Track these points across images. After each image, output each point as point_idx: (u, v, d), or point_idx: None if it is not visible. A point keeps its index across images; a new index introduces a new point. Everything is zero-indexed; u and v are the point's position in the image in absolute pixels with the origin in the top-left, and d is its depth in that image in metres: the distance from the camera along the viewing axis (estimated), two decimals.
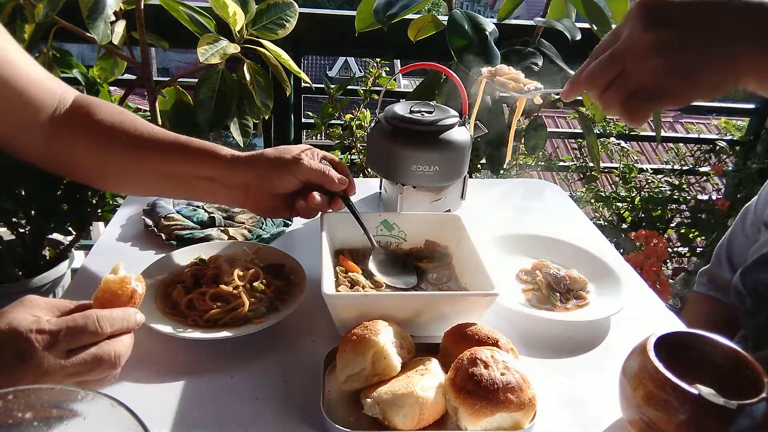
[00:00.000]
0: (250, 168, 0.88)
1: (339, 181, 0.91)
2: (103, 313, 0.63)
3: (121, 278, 0.68)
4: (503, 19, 1.79)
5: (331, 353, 0.76)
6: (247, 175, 0.88)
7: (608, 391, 0.75)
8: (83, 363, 0.60)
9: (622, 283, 0.97)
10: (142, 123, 0.90)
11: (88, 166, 0.92)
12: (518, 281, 1.01)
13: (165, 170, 0.90)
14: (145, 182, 0.94)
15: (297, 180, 0.89)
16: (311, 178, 0.89)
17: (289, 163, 0.88)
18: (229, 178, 0.88)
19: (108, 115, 0.89)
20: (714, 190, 2.48)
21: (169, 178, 0.91)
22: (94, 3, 1.37)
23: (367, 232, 0.95)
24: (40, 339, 0.58)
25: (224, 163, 0.88)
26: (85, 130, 0.88)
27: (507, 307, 0.90)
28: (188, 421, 0.69)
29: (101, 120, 0.88)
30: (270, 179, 0.89)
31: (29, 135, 0.87)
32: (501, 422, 0.65)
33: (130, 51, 1.66)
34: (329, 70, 12.13)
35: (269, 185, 0.89)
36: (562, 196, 1.41)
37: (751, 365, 0.67)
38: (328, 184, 0.90)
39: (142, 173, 0.91)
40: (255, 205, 0.93)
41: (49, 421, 0.41)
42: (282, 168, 0.88)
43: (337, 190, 0.92)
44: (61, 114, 0.88)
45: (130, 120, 0.89)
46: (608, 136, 2.40)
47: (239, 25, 1.51)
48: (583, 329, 0.90)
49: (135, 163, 0.90)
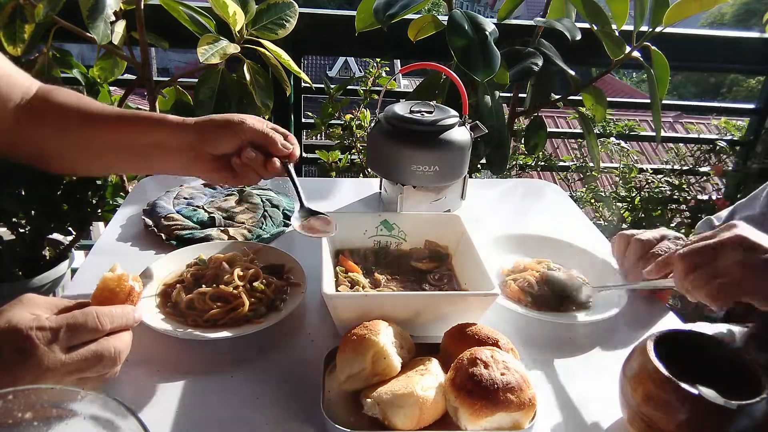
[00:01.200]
0: (195, 129, 0.89)
1: (282, 144, 0.90)
2: (102, 310, 0.63)
3: (119, 276, 0.68)
4: (503, 19, 1.79)
5: (331, 353, 0.76)
6: (192, 136, 0.89)
7: (608, 391, 0.75)
8: (84, 359, 0.60)
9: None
10: (96, 103, 0.93)
11: (47, 149, 0.94)
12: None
13: (116, 142, 0.91)
14: (99, 158, 0.95)
15: (239, 139, 0.89)
16: (254, 138, 0.89)
17: (232, 123, 0.88)
18: (176, 141, 0.89)
19: (64, 98, 0.91)
20: (714, 190, 2.48)
21: (121, 151, 0.92)
22: (94, 3, 1.37)
23: (299, 196, 0.92)
24: (40, 336, 0.58)
25: (171, 127, 0.89)
26: (43, 114, 0.90)
27: (507, 307, 0.90)
28: (188, 421, 0.69)
29: (57, 103, 0.91)
30: (213, 139, 0.89)
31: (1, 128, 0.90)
32: (501, 422, 0.65)
33: (130, 51, 1.66)
34: (329, 70, 12.13)
35: (212, 145, 0.89)
36: (562, 196, 1.41)
37: (751, 365, 0.67)
38: (271, 145, 0.90)
39: (95, 148, 0.93)
40: (202, 168, 0.93)
41: (49, 421, 0.41)
42: (225, 127, 0.88)
43: (279, 153, 0.91)
44: (24, 104, 0.90)
45: (84, 101, 0.92)
46: (608, 136, 2.40)
47: (239, 25, 1.51)
48: (583, 329, 0.90)
49: (88, 139, 0.91)
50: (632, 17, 1.68)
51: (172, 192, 1.22)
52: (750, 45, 2.26)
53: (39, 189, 1.74)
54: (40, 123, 0.91)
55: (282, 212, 1.18)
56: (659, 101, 1.68)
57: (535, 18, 1.77)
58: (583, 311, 0.92)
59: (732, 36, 2.35)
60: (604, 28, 1.65)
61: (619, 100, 2.60)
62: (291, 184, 0.93)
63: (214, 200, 1.21)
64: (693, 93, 16.74)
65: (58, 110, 0.90)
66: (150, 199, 1.18)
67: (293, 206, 1.22)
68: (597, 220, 2.43)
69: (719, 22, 19.02)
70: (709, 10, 3.18)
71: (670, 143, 2.64)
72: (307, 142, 2.35)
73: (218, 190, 1.26)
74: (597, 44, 1.66)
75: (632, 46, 1.68)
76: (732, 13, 18.48)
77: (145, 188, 1.29)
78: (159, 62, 12.37)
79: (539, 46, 1.75)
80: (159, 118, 0.90)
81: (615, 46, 1.66)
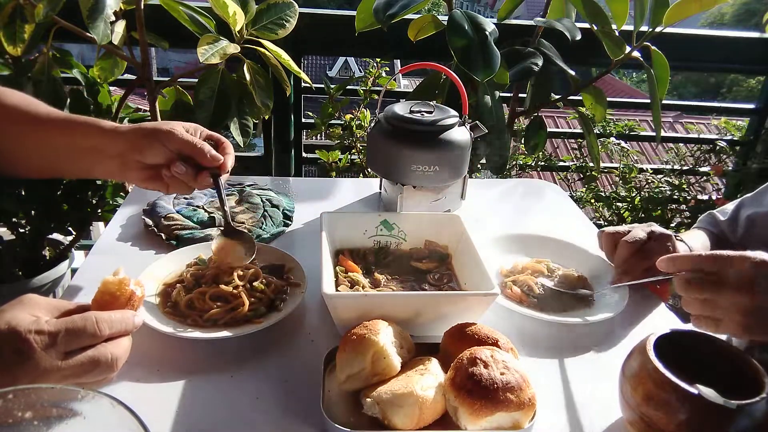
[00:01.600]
0: (126, 137, 0.89)
1: (210, 156, 0.89)
2: (102, 316, 0.63)
3: (120, 280, 0.68)
4: (503, 19, 1.79)
5: (331, 353, 0.76)
6: (122, 144, 0.88)
7: (608, 391, 0.75)
8: (80, 365, 0.60)
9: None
10: (41, 105, 0.93)
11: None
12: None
13: (53, 143, 0.91)
14: (37, 158, 0.95)
15: (167, 150, 0.88)
16: (182, 149, 0.88)
17: (160, 133, 0.88)
18: (108, 147, 0.89)
19: (9, 99, 0.92)
20: (714, 190, 2.48)
21: (58, 152, 0.92)
22: (94, 3, 1.37)
23: (225, 215, 0.92)
24: (38, 340, 0.58)
25: (104, 132, 0.89)
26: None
27: (507, 307, 0.90)
28: (188, 421, 0.69)
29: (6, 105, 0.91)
30: (141, 148, 0.88)
31: None
32: (501, 422, 0.65)
33: (130, 51, 1.66)
34: (329, 70, 12.13)
35: (141, 154, 0.88)
36: (562, 196, 1.41)
37: (751, 365, 0.67)
38: (199, 156, 0.89)
39: (33, 149, 0.93)
40: (134, 177, 0.92)
41: (49, 421, 0.41)
42: (153, 137, 0.88)
43: (208, 164, 0.89)
44: None
45: (28, 102, 0.93)
46: (608, 136, 2.40)
47: (239, 25, 1.51)
48: (582, 329, 0.90)
49: (27, 140, 0.92)
50: (632, 17, 1.68)
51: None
52: (750, 45, 2.26)
53: (39, 189, 1.74)
54: None
55: (282, 212, 1.18)
56: (659, 101, 1.68)
57: (535, 18, 1.77)
58: (583, 311, 0.92)
59: (732, 36, 2.35)
60: (604, 28, 1.65)
61: (619, 100, 2.60)
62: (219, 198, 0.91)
63: (215, 200, 1.21)
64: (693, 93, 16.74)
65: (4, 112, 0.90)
66: (150, 199, 1.18)
67: (293, 206, 1.22)
68: (597, 220, 2.43)
69: (719, 22, 19.02)
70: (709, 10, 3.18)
71: (670, 143, 2.64)
72: (307, 142, 2.35)
73: None
74: (597, 44, 1.66)
75: (632, 46, 1.68)
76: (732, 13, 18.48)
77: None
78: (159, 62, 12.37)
79: (539, 46, 1.75)
80: (96, 123, 0.90)
81: (615, 46, 1.66)
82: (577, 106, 2.01)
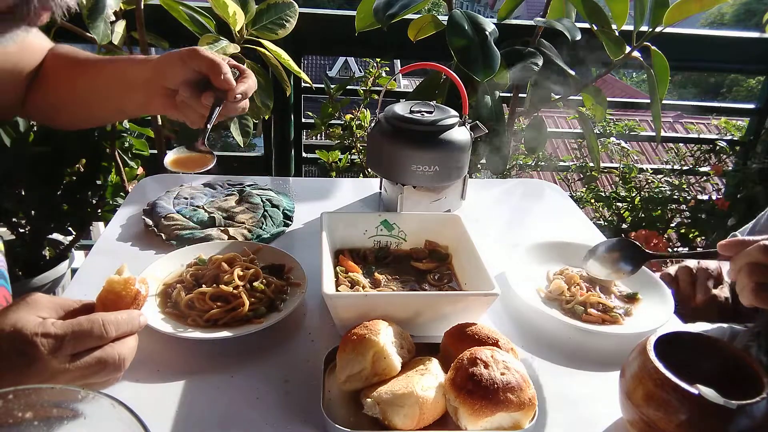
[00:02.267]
0: (153, 63, 0.92)
1: (224, 77, 0.90)
2: (108, 317, 0.62)
3: (125, 279, 0.67)
4: (503, 19, 1.79)
5: (331, 353, 0.76)
6: (149, 70, 0.92)
7: (608, 391, 0.75)
8: (88, 366, 0.60)
9: None
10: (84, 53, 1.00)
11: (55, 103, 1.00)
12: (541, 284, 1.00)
13: (95, 83, 0.97)
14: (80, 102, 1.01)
15: (188, 69, 0.90)
16: (201, 67, 0.89)
17: (183, 52, 0.90)
18: (136, 75, 0.93)
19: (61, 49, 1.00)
20: (714, 190, 2.48)
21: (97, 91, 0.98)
22: (94, 3, 1.37)
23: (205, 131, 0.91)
24: (45, 343, 0.58)
25: (135, 63, 0.95)
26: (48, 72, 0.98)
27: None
28: (188, 421, 0.69)
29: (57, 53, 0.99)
30: (164, 71, 0.91)
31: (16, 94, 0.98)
32: (501, 422, 0.65)
33: (130, 51, 1.66)
34: (329, 70, 12.13)
35: (165, 78, 0.91)
36: (562, 196, 1.41)
37: (751, 365, 0.67)
38: (214, 74, 0.89)
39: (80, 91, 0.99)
40: (158, 104, 0.95)
41: (49, 421, 0.41)
42: (176, 57, 0.90)
43: (218, 85, 0.90)
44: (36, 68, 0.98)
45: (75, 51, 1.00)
46: (608, 136, 2.39)
47: (239, 25, 1.51)
48: (582, 329, 0.90)
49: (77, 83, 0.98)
50: (632, 17, 1.68)
51: (172, 192, 1.22)
52: (750, 45, 2.26)
53: (39, 189, 1.74)
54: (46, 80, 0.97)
55: (282, 212, 1.18)
56: (659, 101, 1.68)
57: (535, 18, 1.77)
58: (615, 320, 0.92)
59: (732, 36, 2.35)
60: (604, 28, 1.65)
61: (619, 100, 2.60)
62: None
63: (214, 200, 1.21)
64: (693, 93, 16.75)
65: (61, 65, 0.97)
66: (150, 199, 1.18)
67: (293, 206, 1.22)
68: (597, 220, 2.43)
69: (719, 22, 19.02)
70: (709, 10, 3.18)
71: (670, 143, 2.63)
72: (307, 142, 2.35)
73: (218, 190, 1.26)
74: (597, 44, 1.66)
75: (632, 46, 1.68)
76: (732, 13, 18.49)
77: (145, 188, 1.29)
78: None
79: (539, 46, 1.75)
80: (129, 57, 0.97)
81: (615, 46, 1.66)
82: (577, 106, 2.01)
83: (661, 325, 0.87)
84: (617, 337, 0.88)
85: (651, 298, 0.96)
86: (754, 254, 0.74)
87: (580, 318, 0.90)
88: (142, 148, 1.93)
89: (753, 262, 0.75)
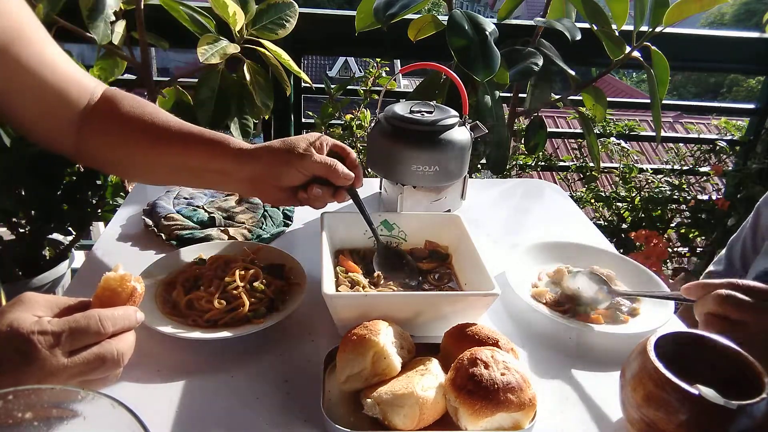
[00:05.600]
0: (256, 161, 0.90)
1: (343, 175, 0.91)
2: (105, 313, 0.63)
3: (122, 276, 0.68)
4: (503, 19, 1.79)
5: (331, 353, 0.76)
6: (252, 168, 0.90)
7: (608, 391, 0.75)
8: (86, 362, 0.60)
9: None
10: (161, 114, 0.93)
11: (110, 158, 0.96)
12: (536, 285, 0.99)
13: (177, 162, 0.92)
14: (161, 174, 0.98)
15: (302, 174, 0.90)
16: (316, 173, 0.90)
17: (294, 159, 0.89)
18: (237, 171, 0.90)
19: (130, 107, 0.92)
20: (714, 190, 2.48)
21: (181, 170, 0.94)
22: (94, 3, 1.37)
23: (372, 228, 0.95)
24: (42, 340, 0.58)
25: (232, 156, 0.90)
26: (108, 122, 0.91)
27: (516, 305, 0.89)
28: (188, 421, 0.69)
29: (122, 112, 0.91)
30: (275, 174, 0.90)
31: (65, 131, 0.91)
32: (501, 422, 0.65)
33: (130, 51, 1.66)
34: (329, 70, 12.12)
35: (274, 179, 0.90)
36: (562, 196, 1.41)
37: (751, 365, 0.67)
38: (333, 178, 0.91)
39: (157, 165, 0.95)
40: (263, 196, 0.97)
41: (49, 421, 0.41)
42: (287, 163, 0.89)
43: (342, 184, 0.92)
44: (91, 108, 0.91)
45: (149, 111, 0.92)
46: (608, 136, 2.40)
47: (239, 25, 1.51)
48: (582, 329, 0.90)
49: (150, 155, 0.93)
50: (632, 17, 1.68)
51: (172, 192, 1.22)
52: (750, 45, 2.26)
53: (39, 189, 1.74)
54: (105, 132, 0.91)
55: (282, 212, 1.18)
56: (659, 101, 1.68)
57: (535, 18, 1.77)
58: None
59: (732, 36, 2.35)
60: (604, 28, 1.65)
61: (619, 100, 2.60)
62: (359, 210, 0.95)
63: (214, 200, 1.21)
64: (693, 93, 16.75)
65: (124, 121, 0.91)
66: (150, 199, 1.18)
67: (293, 206, 1.21)
68: (597, 220, 2.43)
69: (719, 22, 19.02)
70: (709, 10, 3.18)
71: (670, 143, 2.64)
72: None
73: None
74: (597, 44, 1.66)
75: (632, 46, 1.68)
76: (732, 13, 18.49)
77: (145, 188, 1.29)
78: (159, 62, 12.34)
79: (539, 46, 1.75)
80: (220, 143, 0.90)
81: (615, 46, 1.67)
82: (577, 106, 2.01)
83: (661, 325, 0.87)
84: (617, 337, 0.88)
85: (651, 299, 0.96)
86: (709, 304, 0.75)
87: (580, 318, 0.90)
88: None
89: (709, 312, 0.75)
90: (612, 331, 0.88)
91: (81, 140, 0.91)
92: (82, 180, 1.83)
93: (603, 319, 0.90)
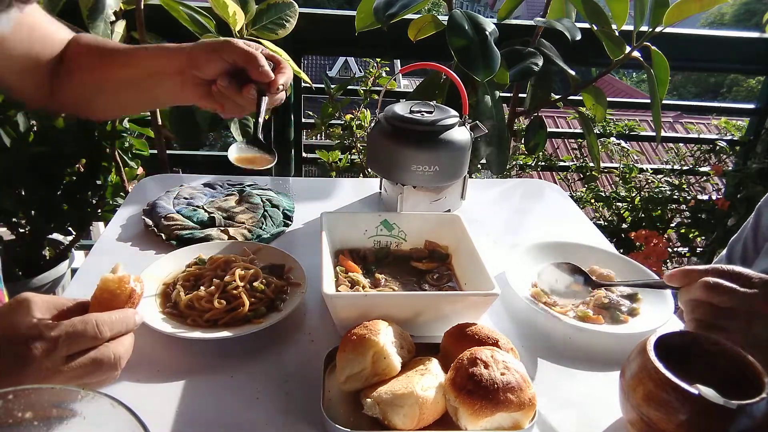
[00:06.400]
0: (187, 53, 0.90)
1: (262, 70, 0.88)
2: (102, 317, 0.62)
3: (120, 277, 0.67)
4: (503, 19, 1.79)
5: (331, 353, 0.76)
6: (183, 60, 0.90)
7: (608, 391, 0.75)
8: (82, 367, 0.60)
9: None
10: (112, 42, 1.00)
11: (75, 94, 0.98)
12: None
13: (124, 76, 0.95)
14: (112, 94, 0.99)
15: (223, 61, 0.88)
16: (237, 60, 0.88)
17: (217, 44, 0.89)
18: (169, 65, 0.92)
19: (86, 40, 0.98)
20: (714, 190, 2.48)
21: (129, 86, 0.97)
22: (94, 3, 1.37)
23: (257, 126, 0.91)
24: (38, 346, 0.58)
25: (168, 52, 0.92)
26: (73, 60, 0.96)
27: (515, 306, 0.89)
28: (188, 421, 0.69)
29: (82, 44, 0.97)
30: (198, 62, 0.89)
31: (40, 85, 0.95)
32: (501, 422, 0.65)
33: None
34: (329, 70, 12.13)
35: (199, 68, 0.89)
36: (562, 196, 1.41)
37: (751, 365, 0.67)
38: (252, 67, 0.88)
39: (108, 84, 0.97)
40: (192, 94, 0.93)
41: (49, 421, 0.41)
42: (212, 49, 0.89)
43: (258, 78, 0.89)
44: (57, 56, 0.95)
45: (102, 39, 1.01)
46: (608, 136, 2.40)
47: (239, 25, 1.51)
48: (582, 329, 0.90)
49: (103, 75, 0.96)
50: (632, 17, 1.68)
51: (172, 192, 1.22)
52: (750, 45, 2.26)
53: (39, 189, 1.74)
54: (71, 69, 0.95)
55: (282, 212, 1.18)
56: (659, 101, 1.68)
57: (535, 18, 1.77)
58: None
59: (732, 36, 2.35)
60: (604, 28, 1.65)
61: (619, 100, 2.61)
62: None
63: (214, 200, 1.21)
64: (693, 93, 16.75)
65: (81, 52, 0.95)
66: (150, 199, 1.18)
67: (293, 206, 1.22)
68: (597, 220, 2.43)
69: (719, 22, 19.02)
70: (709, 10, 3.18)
71: (670, 143, 2.64)
72: (307, 142, 2.35)
73: (218, 190, 1.26)
74: (597, 44, 1.66)
75: (632, 46, 1.68)
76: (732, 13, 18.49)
77: (145, 188, 1.29)
78: None
79: (539, 46, 1.75)
80: (160, 46, 0.94)
81: (615, 46, 1.66)
82: (577, 106, 2.01)
83: (661, 325, 0.87)
84: (617, 337, 0.88)
85: (651, 298, 0.96)
86: (695, 291, 0.74)
87: (580, 318, 0.90)
88: (142, 148, 1.93)
89: (694, 298, 0.74)
90: (612, 331, 0.88)
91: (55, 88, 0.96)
92: (82, 180, 1.83)
93: (603, 319, 0.90)
